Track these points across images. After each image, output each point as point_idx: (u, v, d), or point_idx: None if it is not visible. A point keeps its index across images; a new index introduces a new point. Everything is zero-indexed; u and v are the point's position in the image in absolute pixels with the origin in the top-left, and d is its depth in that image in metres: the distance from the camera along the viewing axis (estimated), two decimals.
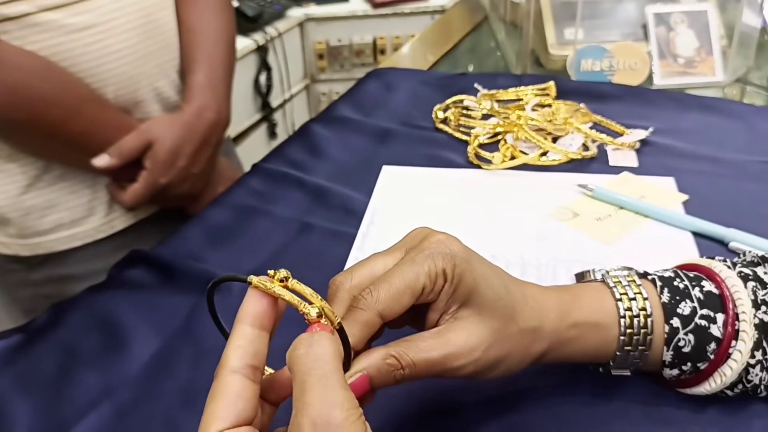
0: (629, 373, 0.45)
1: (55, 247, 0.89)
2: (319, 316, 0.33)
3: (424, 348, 0.37)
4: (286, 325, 0.37)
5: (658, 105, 0.88)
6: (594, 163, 0.77)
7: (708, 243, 0.62)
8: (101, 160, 0.81)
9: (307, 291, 0.33)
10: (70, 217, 0.87)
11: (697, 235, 0.63)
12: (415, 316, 0.40)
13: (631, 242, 0.63)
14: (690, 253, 0.61)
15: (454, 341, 0.38)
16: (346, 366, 0.36)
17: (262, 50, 2.27)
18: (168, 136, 0.83)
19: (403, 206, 0.70)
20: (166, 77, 0.89)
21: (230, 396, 0.32)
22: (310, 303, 0.33)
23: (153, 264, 0.62)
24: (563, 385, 0.47)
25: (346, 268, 0.60)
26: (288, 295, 0.33)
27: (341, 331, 0.34)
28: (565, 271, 0.60)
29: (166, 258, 0.62)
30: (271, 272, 0.33)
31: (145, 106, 0.87)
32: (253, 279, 0.33)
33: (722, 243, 0.62)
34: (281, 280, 0.33)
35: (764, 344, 0.42)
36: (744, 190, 0.70)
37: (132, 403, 0.48)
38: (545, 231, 0.65)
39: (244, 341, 0.33)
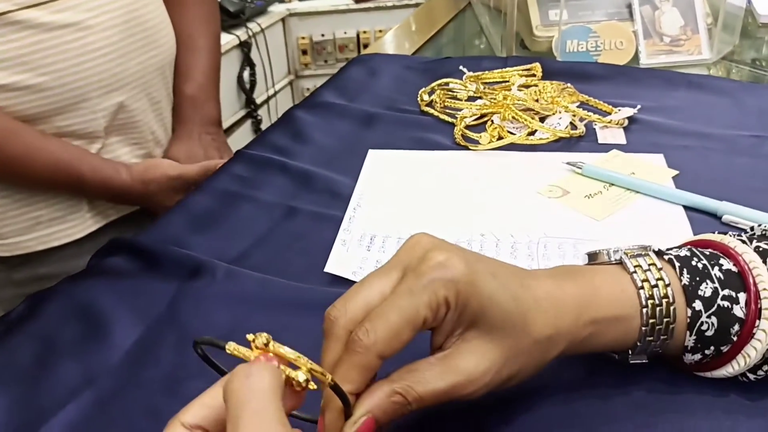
0: (646, 360, 0.42)
1: (34, 247, 0.87)
2: (308, 380, 0.31)
3: (430, 379, 0.35)
4: None
5: (645, 83, 0.88)
6: (582, 141, 0.76)
7: (700, 217, 0.61)
8: None
9: (290, 354, 0.30)
10: (49, 215, 0.85)
11: (688, 209, 0.63)
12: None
13: (622, 218, 0.62)
14: (682, 228, 0.60)
15: (463, 367, 0.36)
16: (347, 415, 0.34)
17: (244, 46, 2.25)
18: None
19: (391, 189, 0.69)
20: (149, 75, 0.88)
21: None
22: (296, 368, 0.30)
23: (134, 251, 0.60)
24: (578, 380, 0.44)
25: (333, 251, 0.59)
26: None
27: (336, 388, 0.32)
28: (557, 249, 0.58)
29: (147, 245, 0.60)
30: (250, 337, 0.31)
31: (129, 104, 0.86)
32: (230, 346, 0.31)
33: (715, 216, 0.61)
34: (263, 345, 0.30)
35: None
36: (734, 164, 0.69)
37: (113, 392, 0.46)
38: (535, 209, 0.64)
39: (212, 402, 0.31)
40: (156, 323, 0.52)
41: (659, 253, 0.43)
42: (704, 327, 0.40)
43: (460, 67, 0.91)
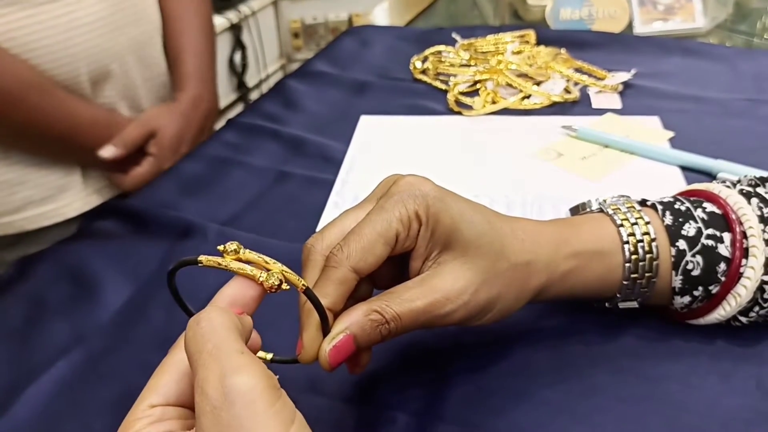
0: (637, 305, 0.42)
1: (25, 227, 0.86)
2: (281, 282, 0.31)
3: (407, 298, 0.35)
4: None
5: (639, 50, 0.87)
6: (577, 106, 0.75)
7: (696, 176, 0.61)
8: (107, 152, 0.82)
9: (262, 259, 0.31)
10: (40, 194, 0.84)
11: (684, 169, 0.62)
12: (404, 273, 0.38)
13: (617, 179, 0.62)
14: (679, 187, 0.59)
15: (440, 287, 0.36)
16: (325, 330, 0.34)
17: (235, 29, 2.23)
18: (170, 125, 0.86)
19: (383, 152, 0.68)
20: (140, 50, 0.86)
21: (175, 374, 0.29)
22: (268, 270, 0.31)
23: (125, 214, 0.59)
24: (566, 326, 0.44)
25: (324, 212, 0.59)
26: (242, 268, 0.30)
27: (308, 293, 0.32)
28: (552, 208, 0.58)
29: (138, 208, 0.60)
30: (220, 247, 0.31)
31: (119, 80, 0.85)
32: (203, 259, 0.31)
33: (710, 175, 0.61)
34: (232, 253, 0.31)
35: None
36: (729, 126, 0.69)
37: (104, 349, 0.46)
38: (530, 171, 0.64)
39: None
40: (147, 283, 0.51)
41: (642, 202, 0.43)
42: (690, 266, 0.40)
43: (453, 35, 0.90)
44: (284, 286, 0.31)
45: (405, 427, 0.38)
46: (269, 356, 0.36)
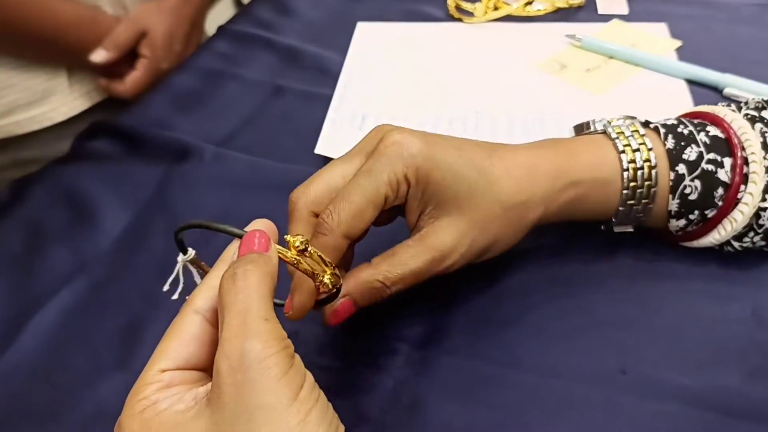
0: (632, 230, 0.43)
1: (14, 131, 0.84)
2: (334, 285, 0.33)
3: (407, 260, 0.36)
4: None
5: None
6: (582, 11, 0.72)
7: (702, 90, 0.59)
8: (98, 56, 0.78)
9: (322, 259, 0.33)
10: (26, 98, 0.82)
11: (690, 82, 0.61)
12: (391, 214, 0.39)
13: (622, 92, 0.60)
14: (684, 101, 0.59)
15: (437, 245, 0.37)
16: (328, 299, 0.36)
17: None
18: (160, 23, 0.82)
19: (381, 65, 0.66)
20: None
21: (185, 336, 0.29)
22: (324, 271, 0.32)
23: (118, 134, 0.58)
24: (560, 246, 0.44)
25: (323, 131, 0.58)
26: (307, 266, 0.32)
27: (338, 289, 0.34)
28: (554, 125, 0.57)
29: (131, 127, 0.58)
30: (288, 237, 0.31)
31: None
32: (280, 251, 0.30)
33: (717, 90, 0.59)
34: (302, 251, 0.31)
35: None
36: (738, 34, 0.67)
37: (107, 277, 0.46)
38: (532, 84, 0.62)
39: (218, 283, 0.30)
40: (145, 208, 0.51)
41: (645, 123, 0.42)
42: (687, 191, 0.40)
43: None
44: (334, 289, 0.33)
45: (407, 357, 0.39)
46: None
